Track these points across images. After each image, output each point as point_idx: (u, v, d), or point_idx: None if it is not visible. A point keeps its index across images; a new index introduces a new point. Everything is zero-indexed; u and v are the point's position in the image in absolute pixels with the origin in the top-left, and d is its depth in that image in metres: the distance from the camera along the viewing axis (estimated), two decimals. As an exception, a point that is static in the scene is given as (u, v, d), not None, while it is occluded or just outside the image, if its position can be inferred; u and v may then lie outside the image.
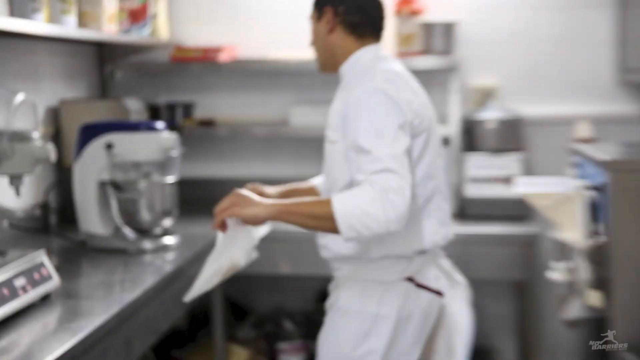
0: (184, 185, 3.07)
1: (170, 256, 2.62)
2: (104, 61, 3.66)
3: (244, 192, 1.87)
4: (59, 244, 2.81)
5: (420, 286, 1.97)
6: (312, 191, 2.17)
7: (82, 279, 2.39)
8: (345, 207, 1.75)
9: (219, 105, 3.77)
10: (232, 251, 1.83)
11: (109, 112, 3.11)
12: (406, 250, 1.92)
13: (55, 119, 3.19)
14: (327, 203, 1.76)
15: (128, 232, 2.69)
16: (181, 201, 2.94)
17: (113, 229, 2.71)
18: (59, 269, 2.36)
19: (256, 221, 1.83)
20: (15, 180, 2.33)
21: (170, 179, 2.76)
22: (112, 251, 2.65)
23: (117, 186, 2.69)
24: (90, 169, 2.68)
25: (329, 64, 2.04)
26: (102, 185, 2.71)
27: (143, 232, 2.72)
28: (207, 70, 3.64)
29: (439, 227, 1.97)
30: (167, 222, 2.79)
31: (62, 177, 3.18)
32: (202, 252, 2.72)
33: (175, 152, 2.72)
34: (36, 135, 2.30)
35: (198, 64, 3.54)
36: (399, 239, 1.88)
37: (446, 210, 2.00)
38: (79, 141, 2.71)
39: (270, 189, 2.07)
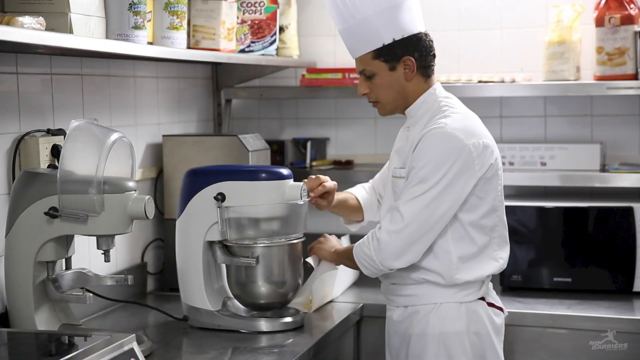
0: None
1: (293, 339, 2.57)
2: (218, 87, 3.71)
3: (328, 237, 2.77)
4: (156, 319, 2.81)
5: (490, 304, 2.56)
6: (353, 205, 2.84)
7: (182, 368, 2.37)
8: (357, 251, 2.52)
9: (358, 141, 3.77)
10: (331, 285, 2.95)
11: (222, 151, 3.09)
12: (482, 275, 2.51)
13: (156, 159, 3.23)
14: (352, 250, 2.56)
15: (240, 307, 2.66)
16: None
17: (222, 303, 2.67)
18: (153, 353, 2.38)
19: (324, 259, 2.74)
20: (105, 242, 2.32)
21: (297, 238, 2.69)
22: (220, 331, 2.63)
23: (228, 249, 2.65)
24: (196, 225, 2.65)
25: (399, 107, 2.59)
26: (211, 246, 2.67)
27: (260, 308, 2.67)
28: (344, 97, 3.62)
29: (502, 252, 2.56)
30: (291, 296, 2.71)
31: (164, 232, 3.22)
32: (332, 334, 2.68)
33: (303, 204, 2.65)
34: (132, 184, 2.29)
35: (334, 90, 3.53)
36: (474, 266, 2.50)
37: (505, 236, 2.58)
38: (184, 190, 2.69)
39: (330, 185, 2.74)
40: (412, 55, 2.52)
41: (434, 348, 2.51)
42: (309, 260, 2.72)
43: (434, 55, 2.57)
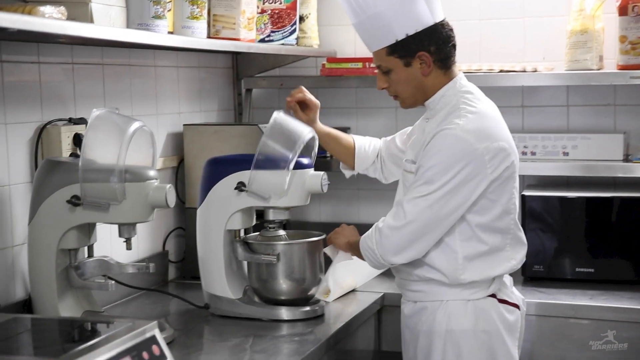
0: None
1: (313, 328, 2.59)
2: (238, 76, 3.71)
3: (345, 227, 2.74)
4: (177, 307, 2.83)
5: (502, 301, 2.51)
6: (348, 145, 2.90)
7: (202, 356, 2.38)
8: (362, 243, 2.53)
9: (379, 131, 3.66)
10: (350, 275, 2.97)
11: (243, 140, 3.09)
12: (489, 275, 2.47)
13: (177, 148, 3.25)
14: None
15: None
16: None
17: (243, 292, 2.70)
18: (175, 341, 2.40)
19: (340, 248, 2.73)
20: (127, 230, 2.34)
21: (317, 236, 2.72)
22: (241, 319, 2.65)
23: (249, 246, 2.68)
24: (217, 214, 2.67)
25: (419, 101, 2.56)
26: (232, 235, 2.68)
27: (280, 304, 2.68)
28: (365, 86, 3.62)
29: (515, 253, 2.53)
30: (313, 291, 2.73)
31: (185, 220, 3.23)
32: (353, 323, 2.69)
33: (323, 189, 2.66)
34: (153, 173, 2.31)
35: (354, 79, 3.52)
36: (483, 266, 2.46)
37: (521, 238, 2.55)
38: (205, 179, 2.71)
39: (319, 123, 2.86)
40: (427, 49, 2.46)
41: (440, 346, 2.49)
42: (327, 250, 2.73)
43: (454, 46, 2.51)
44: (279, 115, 2.61)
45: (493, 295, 2.51)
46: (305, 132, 2.61)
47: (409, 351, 2.60)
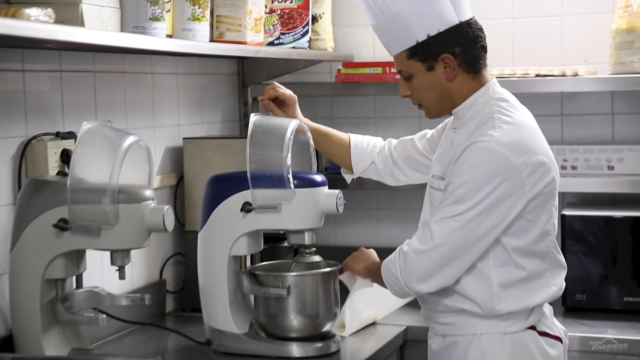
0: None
1: None
2: (244, 84, 3.72)
3: (364, 250, 2.72)
4: (175, 343, 2.81)
5: (543, 334, 2.49)
6: (342, 143, 2.89)
7: (205, 399, 2.38)
8: (384, 269, 2.51)
9: None
10: (369, 307, 2.97)
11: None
12: (528, 305, 2.45)
13: (176, 165, 3.24)
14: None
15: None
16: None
17: (249, 326, 2.68)
18: None
19: (358, 275, 2.69)
20: (120, 257, 2.33)
21: (332, 266, 2.71)
22: (248, 356, 2.63)
23: (256, 278, 2.67)
24: (220, 238, 2.66)
25: (446, 110, 2.54)
26: (237, 262, 2.68)
27: (291, 341, 2.66)
28: (385, 94, 3.63)
29: (555, 278, 2.50)
30: (328, 327, 2.71)
31: (185, 246, 3.22)
32: (375, 359, 2.70)
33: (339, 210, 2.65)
34: (149, 193, 2.31)
35: (373, 86, 3.52)
36: (521, 295, 2.44)
37: (561, 261, 2.53)
38: (207, 199, 2.70)
39: (303, 117, 2.85)
40: (451, 51, 2.44)
41: None
42: (343, 277, 2.72)
43: (484, 47, 2.49)
44: (257, 118, 2.63)
45: (532, 328, 2.48)
46: (289, 123, 2.61)
47: None
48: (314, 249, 2.69)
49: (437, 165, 2.55)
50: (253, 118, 2.63)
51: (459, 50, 2.44)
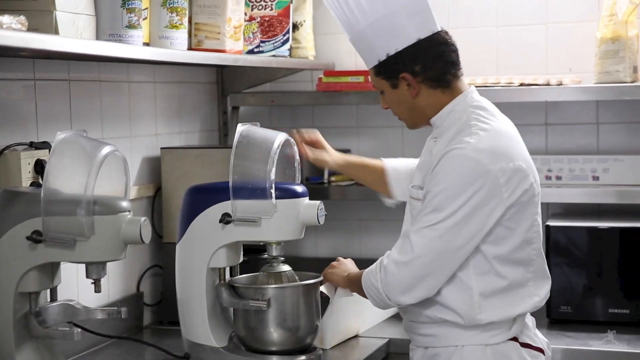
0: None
1: None
2: (223, 92, 3.72)
3: (342, 260, 2.74)
4: (153, 357, 2.80)
5: (525, 345, 2.51)
6: (377, 170, 2.92)
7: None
8: (365, 280, 2.51)
9: (383, 153, 3.66)
10: (351, 319, 2.94)
11: (228, 166, 3.05)
12: (510, 315, 2.46)
13: (154, 175, 3.23)
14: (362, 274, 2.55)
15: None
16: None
17: (228, 339, 2.67)
18: None
19: (338, 285, 2.69)
20: (95, 270, 2.31)
21: (313, 278, 2.70)
22: None
23: (235, 290, 2.66)
24: (199, 250, 2.65)
25: (421, 122, 2.59)
26: (215, 274, 2.67)
27: (271, 354, 2.66)
28: (367, 103, 3.63)
29: (539, 289, 2.52)
30: (309, 340, 2.70)
31: (162, 258, 3.21)
32: None
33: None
34: (126, 204, 2.29)
35: (355, 95, 3.53)
36: (502, 305, 2.45)
37: (546, 271, 2.55)
38: (185, 210, 2.70)
39: (335, 153, 2.92)
40: (410, 69, 2.47)
41: None
42: (322, 288, 2.71)
43: (449, 62, 2.50)
44: (243, 128, 2.63)
45: (514, 339, 2.49)
46: (277, 136, 2.62)
47: None
48: (282, 258, 2.68)
49: (417, 174, 2.58)
50: (240, 128, 2.63)
51: (419, 68, 2.48)
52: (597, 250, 3.19)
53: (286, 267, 2.70)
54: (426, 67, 2.48)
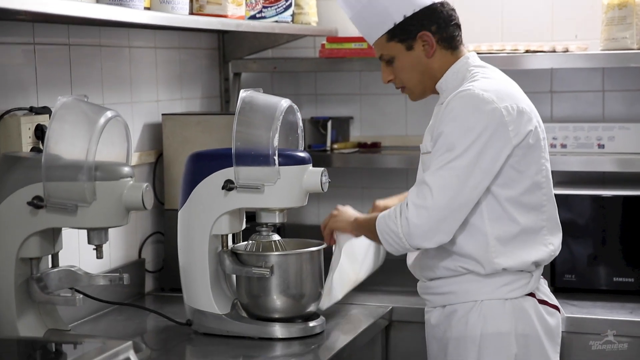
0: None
1: (312, 348, 2.57)
2: (225, 58, 3.70)
3: (342, 207, 2.75)
4: (155, 323, 2.81)
5: (542, 302, 2.56)
6: None
7: (185, 381, 2.38)
8: (381, 224, 2.52)
9: (386, 121, 3.78)
10: (354, 267, 2.85)
11: (230, 132, 3.03)
12: (527, 261, 2.51)
13: (155, 142, 3.23)
14: (376, 218, 2.56)
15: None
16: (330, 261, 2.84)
17: (231, 306, 2.68)
18: None
19: (344, 232, 2.71)
20: (97, 236, 2.32)
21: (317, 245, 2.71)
22: (229, 337, 2.63)
23: (238, 257, 2.66)
24: (201, 217, 2.66)
25: (429, 87, 2.65)
26: (218, 241, 2.67)
27: (274, 322, 2.67)
28: (370, 70, 3.62)
29: (553, 237, 2.58)
30: (312, 307, 2.71)
31: (164, 224, 3.21)
32: (358, 341, 2.68)
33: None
34: (128, 170, 2.29)
35: (358, 61, 3.51)
36: (518, 251, 2.50)
37: (558, 222, 2.61)
38: (187, 177, 2.70)
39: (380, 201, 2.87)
40: (428, 29, 2.57)
41: (474, 353, 2.50)
42: (338, 236, 2.70)
43: (458, 25, 2.61)
44: (245, 95, 2.64)
45: (532, 295, 2.54)
46: (280, 103, 2.62)
47: None
48: (272, 227, 2.69)
49: (426, 136, 2.62)
50: (242, 94, 2.63)
51: (435, 28, 2.57)
52: (602, 218, 3.19)
53: (276, 237, 2.71)
54: (440, 28, 2.58)
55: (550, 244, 2.56)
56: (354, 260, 2.86)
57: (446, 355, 2.55)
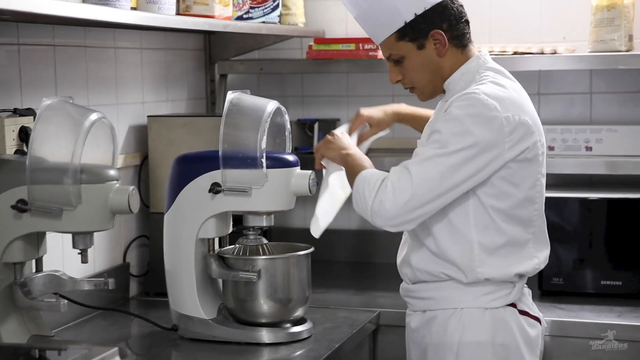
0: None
1: (300, 353, 2.56)
2: (211, 60, 3.70)
3: (338, 134, 2.66)
4: (140, 329, 2.80)
5: (523, 313, 2.54)
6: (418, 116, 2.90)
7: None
8: (359, 185, 2.47)
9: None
10: (339, 194, 2.75)
11: (216, 134, 3.01)
12: (509, 273, 2.48)
13: (141, 144, 3.22)
14: (359, 173, 2.51)
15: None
16: (316, 264, 2.87)
17: (217, 311, 2.67)
18: None
19: (334, 161, 2.64)
20: (82, 240, 2.30)
21: (304, 249, 2.70)
22: (216, 342, 2.62)
23: (225, 261, 2.64)
24: (187, 220, 2.64)
25: (439, 87, 2.59)
26: (204, 245, 2.65)
27: (261, 327, 2.65)
28: (357, 71, 3.62)
29: (538, 251, 2.55)
30: (300, 312, 2.70)
31: (149, 228, 3.20)
32: (345, 346, 2.67)
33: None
34: (114, 173, 2.27)
35: (345, 63, 3.50)
36: (501, 262, 2.48)
37: (545, 237, 2.58)
38: (173, 180, 2.67)
39: (405, 108, 2.92)
40: (440, 27, 2.51)
41: None
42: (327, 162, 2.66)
43: (467, 22, 2.56)
44: (233, 96, 2.61)
45: (513, 305, 2.52)
46: (268, 104, 2.60)
47: None
48: (259, 230, 2.67)
49: (426, 130, 2.60)
50: (230, 96, 2.60)
51: (446, 26, 2.51)
52: (589, 221, 3.19)
53: (264, 240, 2.69)
54: (451, 26, 2.52)
55: (535, 258, 2.53)
56: (342, 185, 2.77)
57: None
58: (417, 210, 2.40)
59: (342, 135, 2.68)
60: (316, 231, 2.67)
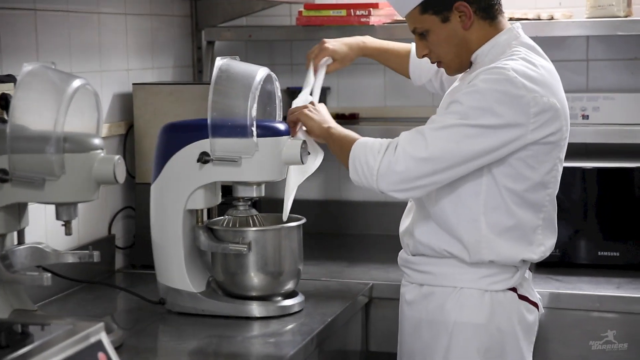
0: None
1: (291, 327, 2.55)
2: (198, 26, 3.68)
3: (318, 107, 2.64)
4: (126, 302, 2.79)
5: (522, 297, 2.52)
6: (403, 54, 2.91)
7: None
8: (358, 151, 2.43)
9: (364, 92, 3.77)
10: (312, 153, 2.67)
11: (204, 102, 2.99)
12: (514, 258, 2.46)
13: (126, 112, 3.19)
14: (353, 142, 2.47)
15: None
16: (309, 236, 2.84)
17: (206, 284, 2.65)
18: (124, 345, 2.35)
19: (311, 133, 2.62)
20: (66, 211, 2.25)
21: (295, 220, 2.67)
22: (204, 316, 2.61)
23: (214, 233, 2.61)
24: (175, 191, 2.60)
25: (466, 61, 2.53)
26: (193, 216, 2.62)
27: (251, 300, 2.63)
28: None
29: (546, 238, 2.52)
30: (291, 285, 2.67)
31: (135, 199, 3.18)
32: (338, 320, 2.66)
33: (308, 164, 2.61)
34: (98, 142, 2.22)
35: (336, 30, 3.44)
36: (508, 246, 2.44)
37: (553, 223, 2.54)
38: (160, 149, 2.63)
39: (370, 41, 2.95)
40: None
41: (444, 340, 2.48)
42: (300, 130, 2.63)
43: None
44: (222, 63, 2.56)
45: (513, 290, 2.50)
46: (258, 71, 2.55)
47: (405, 346, 2.57)
48: (249, 201, 2.64)
49: (446, 97, 2.56)
50: (219, 62, 2.55)
51: None
52: (586, 191, 3.17)
53: (254, 211, 2.66)
54: None
55: (542, 245, 2.50)
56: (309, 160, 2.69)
57: (416, 338, 2.53)
58: (428, 177, 2.36)
59: (322, 107, 2.65)
60: (285, 215, 2.67)
